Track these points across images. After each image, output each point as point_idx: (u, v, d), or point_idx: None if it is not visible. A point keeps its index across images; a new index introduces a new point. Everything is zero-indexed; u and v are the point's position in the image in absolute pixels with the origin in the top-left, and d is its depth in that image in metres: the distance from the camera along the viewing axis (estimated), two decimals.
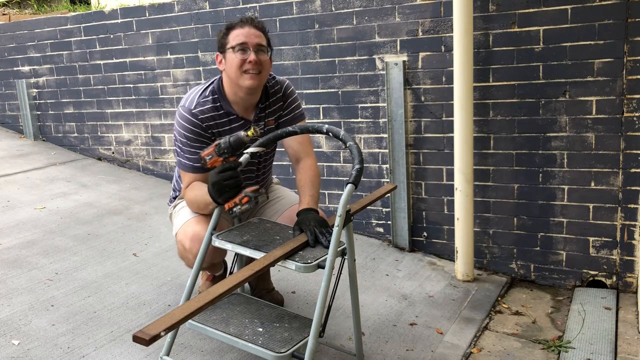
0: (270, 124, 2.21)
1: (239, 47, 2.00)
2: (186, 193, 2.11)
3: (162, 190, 4.13)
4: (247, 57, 2.00)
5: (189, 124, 2.05)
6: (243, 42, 2.00)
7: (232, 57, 2.02)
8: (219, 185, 1.83)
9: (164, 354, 1.92)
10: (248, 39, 2.01)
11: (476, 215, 3.13)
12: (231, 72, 2.04)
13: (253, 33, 2.03)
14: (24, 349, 2.10)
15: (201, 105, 2.07)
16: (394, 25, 3.22)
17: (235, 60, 2.01)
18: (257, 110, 2.16)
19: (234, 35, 2.02)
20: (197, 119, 2.05)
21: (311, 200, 2.04)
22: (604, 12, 2.71)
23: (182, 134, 2.07)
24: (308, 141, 2.24)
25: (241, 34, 2.02)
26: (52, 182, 4.08)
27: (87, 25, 4.46)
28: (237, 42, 2.01)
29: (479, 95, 3.03)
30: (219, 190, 1.85)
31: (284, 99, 2.22)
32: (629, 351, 2.34)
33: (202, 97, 2.09)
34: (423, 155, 3.26)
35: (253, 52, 2.00)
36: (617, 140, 2.80)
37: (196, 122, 2.05)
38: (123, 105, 4.46)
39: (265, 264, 1.68)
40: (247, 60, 2.00)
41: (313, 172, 2.16)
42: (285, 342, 1.71)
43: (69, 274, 2.75)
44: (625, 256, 2.87)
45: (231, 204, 1.84)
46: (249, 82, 2.03)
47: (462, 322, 2.59)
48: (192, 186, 2.08)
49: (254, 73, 2.02)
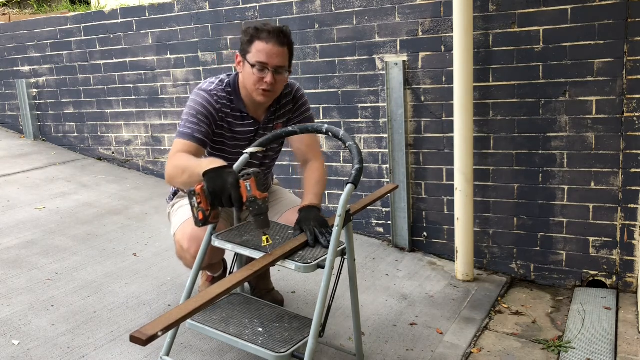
0: (278, 127, 2.21)
1: (259, 66, 1.98)
2: (175, 158, 1.97)
3: (162, 190, 4.12)
4: (265, 77, 1.99)
5: (204, 101, 2.04)
6: (264, 62, 1.97)
7: (250, 72, 2.01)
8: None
9: (164, 354, 1.92)
10: (269, 59, 1.97)
11: (476, 215, 3.13)
12: (246, 83, 2.04)
13: (276, 52, 1.98)
14: (24, 349, 2.10)
15: (219, 92, 2.08)
16: (394, 25, 3.22)
17: (252, 76, 2.00)
18: (268, 114, 2.18)
19: (257, 50, 1.98)
20: (213, 100, 2.05)
21: (314, 198, 2.03)
22: (604, 12, 2.71)
23: (193, 107, 2.04)
24: (316, 143, 2.24)
25: (264, 51, 1.97)
26: (52, 182, 4.08)
27: (87, 25, 4.46)
28: (257, 59, 1.98)
29: (479, 95, 3.03)
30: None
31: (294, 102, 2.23)
32: (629, 351, 2.34)
33: (221, 88, 2.09)
34: (423, 155, 3.26)
35: (271, 73, 1.98)
36: (617, 140, 2.79)
37: (212, 102, 2.05)
38: (123, 105, 4.46)
39: (265, 264, 1.69)
40: (264, 79, 1.99)
41: (320, 173, 2.16)
42: (285, 342, 1.71)
43: (69, 274, 2.75)
44: (625, 256, 2.86)
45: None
46: (261, 98, 2.04)
47: (462, 322, 2.59)
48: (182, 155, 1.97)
49: (268, 91, 2.02)
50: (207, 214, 1.75)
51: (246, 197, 1.69)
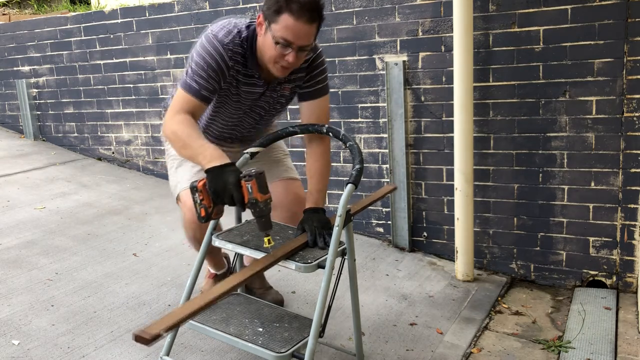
0: (285, 90, 2.05)
1: (283, 43, 1.78)
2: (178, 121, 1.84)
3: (162, 191, 4.12)
4: (287, 54, 1.80)
5: (218, 55, 1.86)
6: (290, 40, 1.78)
7: (271, 44, 1.80)
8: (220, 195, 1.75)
9: (164, 354, 1.92)
10: (296, 39, 1.78)
11: (476, 215, 3.13)
12: (265, 52, 1.85)
13: (304, 32, 1.78)
14: (24, 349, 2.10)
15: (235, 48, 1.88)
16: (394, 25, 3.22)
17: (272, 50, 1.81)
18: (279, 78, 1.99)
19: (284, 25, 1.76)
20: (227, 56, 1.87)
21: (319, 196, 2.01)
22: (604, 12, 2.71)
23: (204, 58, 1.85)
24: (325, 118, 2.08)
25: (292, 29, 1.76)
26: (52, 182, 4.08)
27: (87, 25, 4.46)
28: (282, 35, 1.77)
29: (479, 95, 3.03)
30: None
31: (308, 71, 2.01)
32: (629, 351, 2.34)
33: (237, 42, 1.88)
34: (423, 155, 3.26)
35: (294, 52, 1.80)
36: (617, 140, 2.80)
37: (226, 58, 1.87)
38: (123, 105, 4.46)
39: (265, 264, 1.69)
40: (285, 57, 1.81)
41: (324, 160, 2.07)
42: (285, 342, 1.71)
43: (69, 274, 2.75)
44: (625, 256, 2.87)
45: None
46: (278, 73, 1.88)
47: (462, 322, 2.59)
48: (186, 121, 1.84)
49: (286, 67, 1.86)
50: (209, 211, 1.74)
51: (247, 199, 1.68)
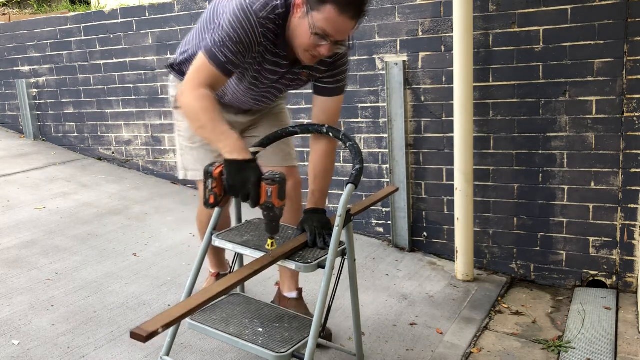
0: (303, 75, 1.96)
1: (321, 34, 1.69)
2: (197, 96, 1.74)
3: (162, 191, 4.13)
4: (321, 47, 1.72)
5: (250, 28, 1.72)
6: (329, 34, 1.69)
7: (307, 32, 1.70)
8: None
9: (164, 353, 1.92)
10: (335, 33, 1.69)
11: (476, 215, 3.13)
12: (298, 37, 1.75)
13: (346, 28, 1.69)
14: (24, 349, 2.10)
15: (268, 23, 1.74)
16: (394, 25, 3.21)
17: (307, 38, 1.72)
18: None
19: (326, 17, 1.65)
20: (259, 31, 1.74)
21: (320, 197, 2.01)
22: (604, 12, 2.71)
23: (235, 28, 1.71)
24: (336, 115, 2.02)
25: (334, 23, 1.66)
26: (52, 182, 4.08)
27: (87, 25, 4.46)
28: (322, 27, 1.67)
29: (479, 95, 3.03)
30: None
31: (331, 65, 1.93)
32: (629, 351, 2.34)
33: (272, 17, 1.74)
34: (423, 155, 3.26)
35: (330, 46, 1.72)
36: (617, 140, 2.80)
37: (257, 33, 1.74)
38: (123, 105, 4.46)
39: (265, 264, 1.69)
40: (319, 48, 1.73)
41: (330, 160, 2.04)
42: (285, 342, 1.71)
43: (69, 274, 2.75)
44: (625, 256, 2.86)
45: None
46: (305, 60, 1.80)
47: (462, 322, 2.59)
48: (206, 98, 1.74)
49: (316, 57, 1.78)
50: (219, 199, 1.71)
51: (264, 200, 1.66)
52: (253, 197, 1.66)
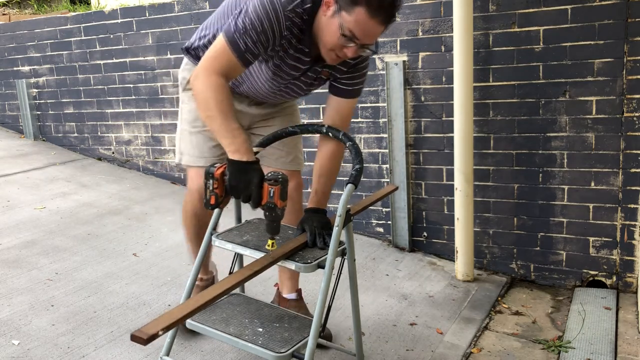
0: (323, 74, 1.94)
1: (349, 36, 1.67)
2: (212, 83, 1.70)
3: (162, 191, 4.13)
4: (348, 49, 1.70)
5: (275, 19, 1.68)
6: (357, 37, 1.67)
7: (335, 32, 1.67)
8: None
9: (164, 354, 1.92)
10: (363, 36, 1.67)
11: (476, 215, 3.13)
12: (323, 35, 1.72)
13: (375, 32, 1.67)
14: (24, 349, 2.10)
15: (294, 17, 1.71)
16: (394, 25, 3.21)
17: (334, 38, 1.69)
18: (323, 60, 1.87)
19: (356, 19, 1.63)
20: (284, 25, 1.70)
21: (322, 197, 2.00)
22: (604, 12, 2.71)
23: (260, 17, 1.67)
24: (348, 118, 2.01)
25: (364, 26, 1.64)
26: (52, 182, 4.08)
27: (87, 25, 4.46)
28: (351, 29, 1.64)
29: (479, 95, 3.03)
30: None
31: (352, 67, 1.91)
32: (629, 351, 2.34)
33: (300, 11, 1.70)
34: (423, 155, 3.26)
35: (356, 49, 1.70)
36: (617, 140, 2.80)
37: (282, 26, 1.70)
38: (123, 105, 4.46)
39: (265, 264, 1.68)
40: (345, 49, 1.71)
41: (336, 162, 2.03)
42: (285, 342, 1.71)
43: (69, 274, 2.75)
44: (625, 256, 2.86)
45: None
46: (329, 60, 1.78)
47: (462, 322, 2.59)
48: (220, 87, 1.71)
49: (340, 58, 1.77)
50: (219, 200, 1.70)
51: (265, 201, 1.66)
52: (255, 198, 1.66)
